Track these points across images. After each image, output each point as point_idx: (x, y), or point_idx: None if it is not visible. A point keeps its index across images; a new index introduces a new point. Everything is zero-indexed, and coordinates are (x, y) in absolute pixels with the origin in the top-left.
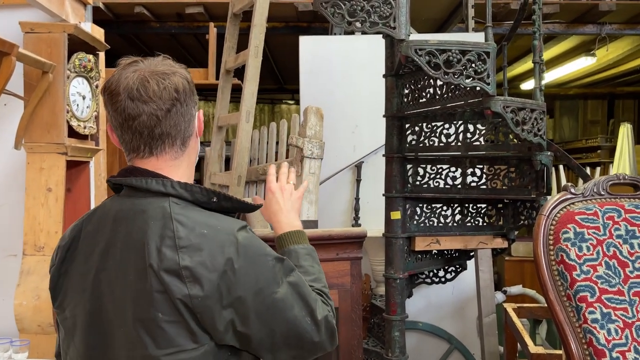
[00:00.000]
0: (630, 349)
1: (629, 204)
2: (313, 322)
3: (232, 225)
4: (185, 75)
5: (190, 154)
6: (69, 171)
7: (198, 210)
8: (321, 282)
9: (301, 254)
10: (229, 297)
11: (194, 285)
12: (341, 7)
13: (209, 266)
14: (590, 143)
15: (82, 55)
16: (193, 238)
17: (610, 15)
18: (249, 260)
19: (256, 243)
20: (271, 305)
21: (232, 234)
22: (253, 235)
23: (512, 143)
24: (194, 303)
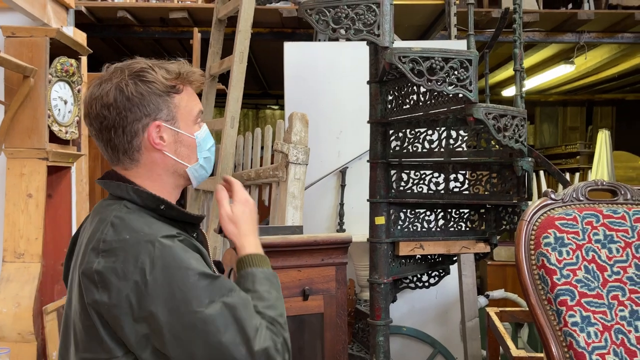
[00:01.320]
0: (610, 351)
1: (607, 209)
2: (248, 352)
3: (158, 232)
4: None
5: (151, 168)
6: (50, 177)
7: (143, 216)
8: (276, 310)
9: (258, 278)
10: (139, 310)
11: (103, 292)
12: (326, 14)
13: (120, 273)
14: (569, 149)
15: (64, 59)
16: (115, 242)
17: (589, 24)
18: (165, 273)
19: (178, 255)
20: (190, 325)
21: (152, 242)
22: (180, 246)
23: (494, 149)
24: (102, 310)
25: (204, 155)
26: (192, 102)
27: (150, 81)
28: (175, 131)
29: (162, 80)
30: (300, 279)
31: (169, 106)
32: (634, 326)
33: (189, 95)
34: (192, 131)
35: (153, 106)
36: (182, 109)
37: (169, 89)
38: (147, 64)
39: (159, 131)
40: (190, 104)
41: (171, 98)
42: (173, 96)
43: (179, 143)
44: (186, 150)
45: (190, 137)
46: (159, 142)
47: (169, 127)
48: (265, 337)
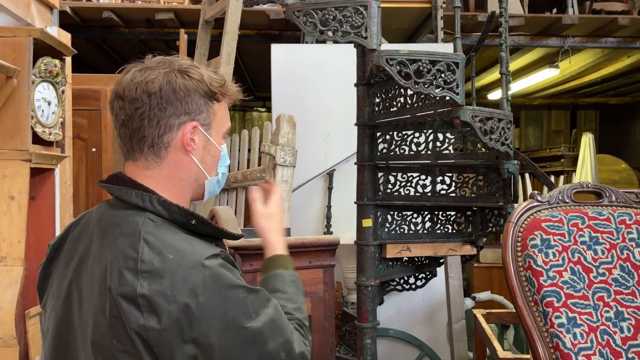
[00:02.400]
0: (595, 352)
1: (592, 211)
2: (288, 356)
3: (203, 252)
4: (170, 79)
5: (174, 170)
6: (33, 179)
7: (174, 231)
8: (303, 313)
9: (287, 280)
10: (190, 331)
11: (150, 316)
12: (313, 16)
13: (169, 296)
14: (554, 152)
15: (48, 60)
16: (157, 262)
17: (573, 28)
18: (216, 293)
19: (226, 274)
20: (242, 341)
21: (200, 262)
22: (224, 264)
23: (480, 152)
24: (150, 336)
25: (222, 170)
26: (226, 115)
27: (199, 80)
28: (207, 137)
29: (210, 81)
30: None
31: (209, 110)
32: (619, 327)
33: (224, 107)
34: (220, 143)
35: (196, 106)
36: (218, 118)
37: (212, 94)
38: (194, 63)
39: (193, 132)
40: (224, 116)
41: (212, 104)
42: (214, 103)
43: (206, 151)
44: (211, 161)
45: (218, 148)
46: (190, 144)
47: (203, 132)
48: (300, 341)
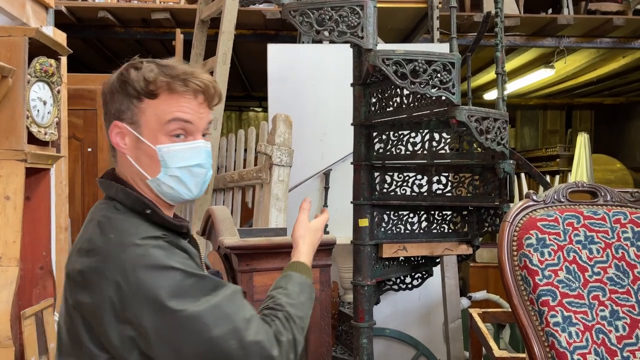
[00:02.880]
0: (591, 351)
1: (588, 210)
2: (239, 344)
3: (142, 233)
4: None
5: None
6: (28, 179)
7: (132, 217)
8: (298, 310)
9: (293, 280)
10: (123, 311)
11: (83, 291)
12: (309, 16)
13: (101, 273)
14: (549, 152)
15: (44, 59)
16: (99, 242)
17: (568, 28)
18: (147, 273)
19: (161, 255)
20: (176, 325)
21: (133, 242)
22: (161, 245)
23: (476, 151)
24: (84, 310)
25: (170, 172)
26: (165, 110)
27: (124, 80)
28: (136, 136)
29: (137, 79)
30: None
31: (132, 109)
32: (614, 326)
33: (165, 102)
34: (156, 141)
35: (118, 105)
36: (149, 115)
37: (139, 91)
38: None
39: (120, 132)
40: (160, 112)
41: (139, 102)
42: (142, 100)
43: (139, 150)
44: (147, 160)
45: (151, 147)
46: (117, 143)
47: (130, 131)
48: (260, 330)
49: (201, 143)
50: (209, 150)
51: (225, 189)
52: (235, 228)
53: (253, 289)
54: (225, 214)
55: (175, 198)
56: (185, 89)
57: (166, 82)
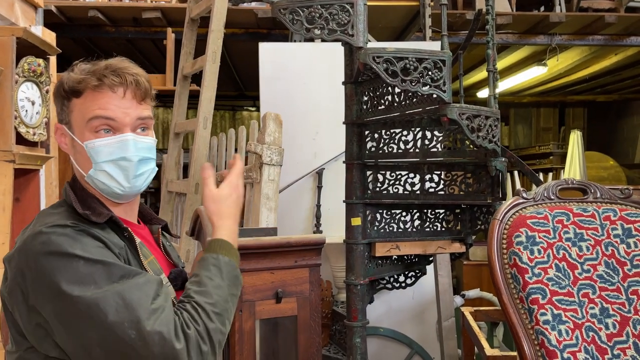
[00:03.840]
0: (581, 349)
1: (577, 207)
2: (138, 334)
3: (50, 220)
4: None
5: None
6: (17, 180)
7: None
8: (209, 297)
9: (206, 263)
10: (29, 297)
11: (4, 281)
12: (299, 14)
13: (12, 261)
14: (542, 150)
15: (32, 59)
16: (22, 234)
17: (560, 26)
18: (47, 259)
19: (64, 242)
20: (75, 312)
21: (42, 230)
22: (66, 233)
23: (468, 149)
24: (4, 299)
25: (99, 167)
26: (87, 108)
27: (59, 83)
28: (71, 136)
29: (67, 80)
30: (273, 282)
31: (64, 110)
32: (604, 324)
33: (88, 99)
34: (83, 138)
35: (57, 108)
36: (76, 113)
37: (68, 91)
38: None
39: (62, 134)
40: (84, 110)
41: (68, 101)
42: (71, 99)
43: (75, 149)
44: (81, 158)
45: (80, 144)
46: (60, 143)
47: (67, 131)
48: (163, 320)
49: (129, 136)
50: (141, 144)
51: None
52: None
53: (242, 290)
54: None
55: (110, 193)
56: (100, 83)
57: (84, 78)
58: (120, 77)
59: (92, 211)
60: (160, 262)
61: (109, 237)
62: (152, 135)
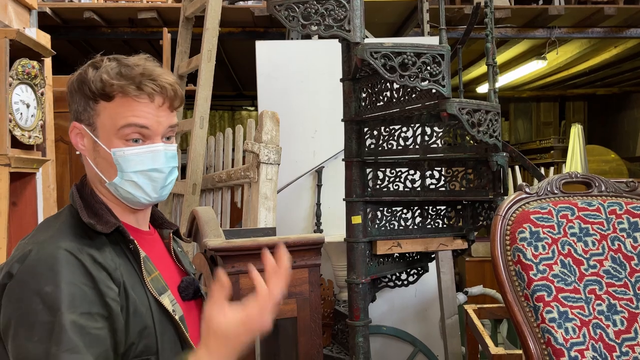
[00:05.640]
0: (588, 347)
1: (582, 201)
2: None
3: (45, 237)
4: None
5: (88, 170)
6: (13, 184)
7: (70, 224)
8: None
9: None
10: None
11: None
12: (295, 10)
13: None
14: (543, 144)
15: (26, 61)
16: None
17: (560, 19)
18: (19, 288)
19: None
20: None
21: (28, 251)
22: (56, 261)
23: (469, 145)
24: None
25: (126, 177)
26: (119, 114)
27: (82, 80)
28: (93, 139)
29: (93, 80)
30: None
31: (89, 111)
32: (612, 320)
33: (122, 105)
34: (111, 145)
35: (76, 106)
36: (104, 117)
37: (95, 93)
38: (105, 59)
39: (79, 133)
40: (115, 115)
41: (95, 103)
42: (99, 101)
43: (96, 152)
44: (104, 163)
45: (106, 150)
46: (76, 143)
47: (88, 132)
48: None
49: (160, 146)
50: (170, 154)
51: (214, 189)
52: (221, 229)
53: (240, 292)
54: (210, 214)
55: (133, 203)
56: (140, 92)
57: (121, 85)
58: (160, 87)
59: (99, 219)
60: (170, 271)
61: (105, 258)
62: (175, 142)
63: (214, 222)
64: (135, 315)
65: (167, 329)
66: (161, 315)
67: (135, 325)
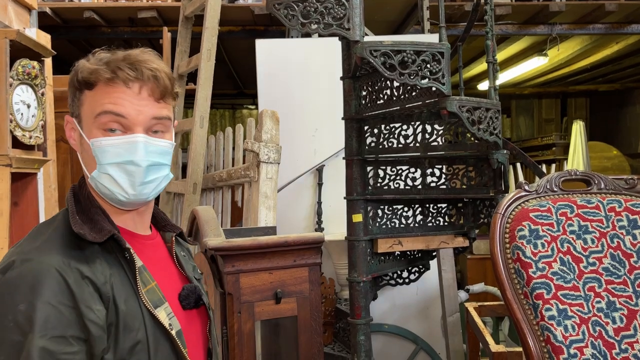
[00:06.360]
0: (587, 344)
1: (581, 199)
2: None
3: (29, 250)
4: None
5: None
6: (14, 184)
7: (62, 233)
8: None
9: None
10: None
11: None
12: (294, 9)
13: None
14: (545, 141)
15: (26, 61)
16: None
17: (560, 15)
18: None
19: (18, 288)
20: None
21: (11, 262)
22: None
23: (469, 142)
24: None
25: (102, 169)
26: (97, 102)
27: (74, 71)
28: (79, 130)
29: (81, 70)
30: (272, 282)
31: (75, 101)
32: (611, 318)
33: (100, 92)
34: (90, 135)
35: (69, 99)
36: (86, 106)
37: (80, 82)
38: (101, 50)
39: (72, 127)
40: (94, 103)
41: (80, 93)
42: (83, 91)
43: (82, 145)
44: (87, 156)
45: (87, 141)
46: (69, 136)
47: (76, 125)
48: None
49: (139, 137)
50: (153, 148)
51: (214, 188)
52: (221, 228)
53: (240, 291)
54: (210, 214)
55: (113, 199)
56: (114, 76)
57: (99, 70)
58: (136, 71)
59: (93, 226)
60: (171, 278)
61: (95, 271)
62: (169, 138)
63: (214, 221)
64: (126, 331)
65: (161, 345)
66: (156, 330)
67: (125, 341)
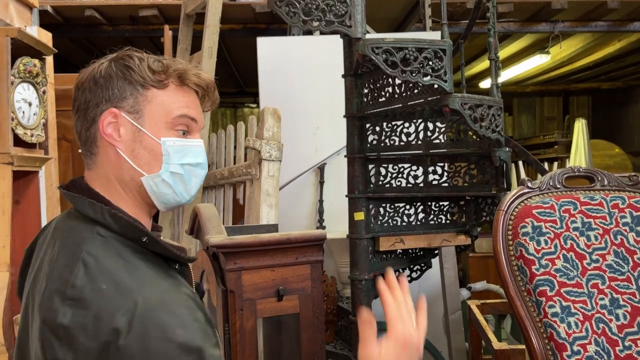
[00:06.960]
0: (591, 341)
1: (584, 196)
2: None
3: (143, 287)
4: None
5: (106, 167)
6: (16, 182)
7: (123, 252)
8: None
9: None
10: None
11: (67, 350)
12: (296, 6)
13: (90, 332)
14: (547, 139)
15: (27, 60)
16: (87, 291)
17: (563, 13)
18: (142, 339)
19: (162, 321)
20: None
21: (134, 299)
22: (170, 308)
23: (471, 140)
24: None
25: (172, 169)
26: (174, 103)
27: (127, 66)
28: (136, 127)
29: (143, 68)
30: (274, 279)
31: (136, 96)
32: (614, 315)
33: (174, 94)
34: (159, 134)
35: (116, 91)
36: (155, 105)
37: (145, 79)
38: (142, 52)
39: (116, 121)
40: (170, 104)
41: (145, 89)
42: (149, 88)
43: (138, 143)
44: (146, 155)
45: (155, 140)
46: (110, 134)
47: (129, 120)
48: None
49: (201, 142)
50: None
51: (216, 186)
52: (223, 226)
53: (242, 288)
54: (211, 211)
55: (169, 200)
56: (193, 85)
57: (177, 74)
58: (205, 84)
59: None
60: None
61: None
62: None
63: (215, 218)
64: None
65: None
66: None
67: None
